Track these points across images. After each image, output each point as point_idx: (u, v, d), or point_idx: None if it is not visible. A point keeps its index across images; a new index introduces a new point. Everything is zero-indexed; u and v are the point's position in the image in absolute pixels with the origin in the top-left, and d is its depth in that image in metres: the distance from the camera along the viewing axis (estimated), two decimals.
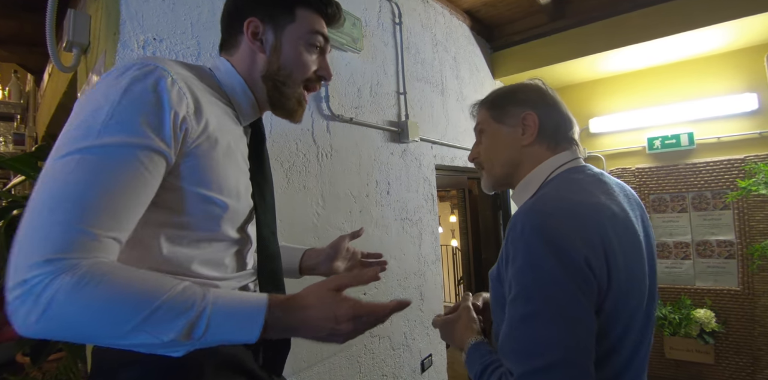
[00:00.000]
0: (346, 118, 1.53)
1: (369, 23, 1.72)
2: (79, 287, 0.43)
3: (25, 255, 0.44)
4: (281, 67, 0.68)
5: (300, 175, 1.35)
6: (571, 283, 0.58)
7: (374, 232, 1.62)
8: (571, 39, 2.53)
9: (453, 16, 2.41)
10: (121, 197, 0.48)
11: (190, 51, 1.06)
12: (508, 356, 0.59)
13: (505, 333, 0.61)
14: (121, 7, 0.95)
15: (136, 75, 0.52)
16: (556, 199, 0.66)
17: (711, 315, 2.50)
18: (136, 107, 0.50)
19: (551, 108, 0.79)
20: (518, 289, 0.60)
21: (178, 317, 0.45)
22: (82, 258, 0.45)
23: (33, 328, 0.43)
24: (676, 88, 2.72)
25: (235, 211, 0.63)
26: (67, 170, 0.46)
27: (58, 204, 0.45)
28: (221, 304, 0.48)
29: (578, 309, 0.57)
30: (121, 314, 0.44)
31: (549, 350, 0.55)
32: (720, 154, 2.60)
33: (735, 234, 2.54)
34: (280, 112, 0.72)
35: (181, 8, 1.05)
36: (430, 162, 2.02)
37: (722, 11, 2.11)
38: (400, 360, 1.69)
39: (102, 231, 0.46)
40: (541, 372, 0.54)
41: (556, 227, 0.60)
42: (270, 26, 0.67)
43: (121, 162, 0.48)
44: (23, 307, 0.43)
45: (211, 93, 0.63)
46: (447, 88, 2.24)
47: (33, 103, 2.70)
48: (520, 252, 0.61)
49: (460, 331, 0.78)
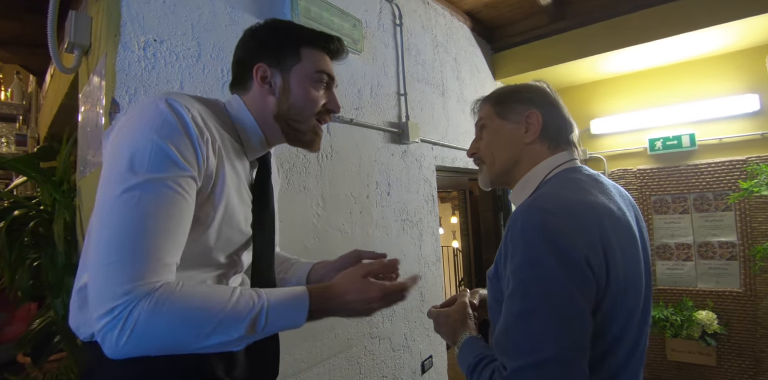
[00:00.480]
0: (347, 119, 1.53)
1: (369, 25, 1.72)
2: (158, 308, 0.50)
3: (106, 287, 0.50)
4: (291, 106, 0.72)
5: (300, 175, 1.35)
6: (570, 282, 0.58)
7: (374, 233, 1.62)
8: (572, 40, 2.53)
9: (454, 18, 2.41)
10: (177, 226, 0.55)
11: (190, 52, 1.06)
12: (502, 351, 0.60)
13: (500, 328, 0.61)
14: (122, 8, 0.95)
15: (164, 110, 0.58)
16: (556, 197, 0.66)
17: (713, 317, 2.49)
18: (170, 141, 0.56)
19: (555, 109, 0.80)
20: (516, 285, 0.60)
21: (244, 317, 0.54)
22: (155, 283, 0.52)
23: (123, 349, 0.50)
24: (678, 89, 2.72)
25: (229, 240, 0.68)
26: (129, 206, 0.53)
27: (128, 238, 0.52)
28: (274, 301, 0.57)
29: (575, 308, 0.58)
30: (198, 324, 0.52)
31: (543, 346, 0.55)
32: (722, 155, 2.60)
33: (737, 235, 2.54)
34: (298, 144, 0.76)
35: (182, 10, 1.06)
36: (430, 163, 2.02)
37: (723, 12, 2.11)
38: (400, 361, 1.68)
39: (166, 258, 0.54)
40: (534, 368, 0.54)
41: (557, 225, 0.61)
42: (277, 69, 0.72)
43: (171, 193, 0.55)
44: (112, 333, 0.49)
45: (224, 129, 0.68)
46: (448, 89, 2.24)
47: (35, 104, 2.71)
48: (519, 250, 0.61)
49: (455, 325, 0.78)
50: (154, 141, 0.55)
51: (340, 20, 1.50)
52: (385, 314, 1.63)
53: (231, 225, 0.67)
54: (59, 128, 1.91)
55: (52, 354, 1.41)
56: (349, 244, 1.50)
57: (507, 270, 0.63)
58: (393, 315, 1.67)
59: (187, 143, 0.58)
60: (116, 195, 0.53)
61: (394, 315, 1.67)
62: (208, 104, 0.68)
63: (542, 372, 0.54)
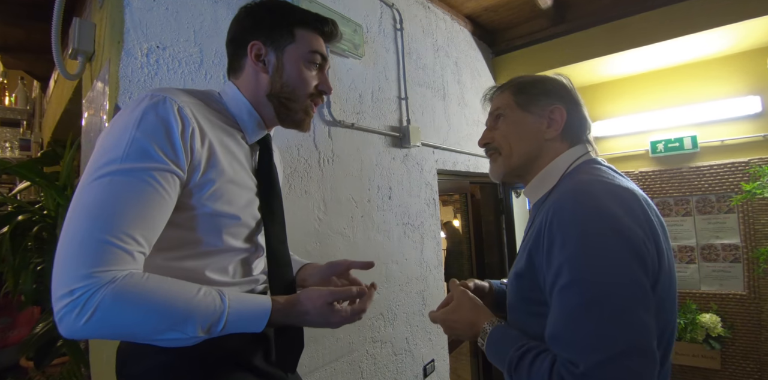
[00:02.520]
0: (348, 124, 1.53)
1: (370, 29, 1.73)
2: (120, 295, 0.51)
3: (69, 268, 0.51)
4: (284, 85, 0.73)
5: (302, 180, 1.35)
6: (635, 265, 0.55)
7: (376, 237, 1.62)
8: (573, 43, 2.54)
9: (454, 22, 2.42)
10: (147, 215, 0.55)
11: (192, 58, 1.07)
12: (566, 345, 0.55)
13: (560, 322, 0.57)
14: (125, 16, 0.96)
15: (147, 106, 0.59)
16: (598, 183, 0.64)
17: (717, 320, 2.48)
18: (149, 135, 0.57)
19: (577, 106, 0.77)
20: (574, 275, 0.56)
21: (203, 318, 0.55)
22: (120, 271, 0.52)
23: (79, 331, 0.50)
24: (679, 91, 2.72)
25: (240, 225, 0.69)
26: (98, 191, 0.53)
27: (93, 223, 0.52)
28: (235, 307, 0.58)
29: (643, 292, 0.54)
30: (157, 318, 0.53)
31: (619, 337, 0.51)
32: (724, 157, 2.59)
33: (740, 237, 2.52)
34: (289, 124, 0.77)
35: (184, 17, 1.07)
36: (431, 167, 2.02)
37: (724, 14, 2.11)
38: (402, 365, 1.68)
39: (133, 246, 0.54)
40: (615, 361, 0.50)
41: (613, 209, 0.58)
42: (272, 48, 0.72)
43: (143, 183, 0.55)
44: (71, 314, 0.49)
45: (217, 117, 0.69)
46: (448, 93, 2.25)
47: (39, 109, 2.73)
48: (573, 237, 0.57)
49: (469, 318, 0.73)
50: (131, 134, 0.56)
51: (341, 25, 1.50)
52: (386, 318, 1.62)
53: (236, 210, 0.67)
54: (63, 133, 1.92)
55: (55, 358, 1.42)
56: (351, 248, 1.50)
57: (553, 261, 0.59)
58: (395, 319, 1.66)
59: (167, 137, 0.58)
60: (87, 183, 0.54)
61: (396, 319, 1.67)
62: (198, 95, 0.69)
63: (624, 364, 0.50)
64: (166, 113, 0.59)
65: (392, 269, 1.69)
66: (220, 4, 1.15)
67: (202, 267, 0.65)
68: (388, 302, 1.64)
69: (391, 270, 1.68)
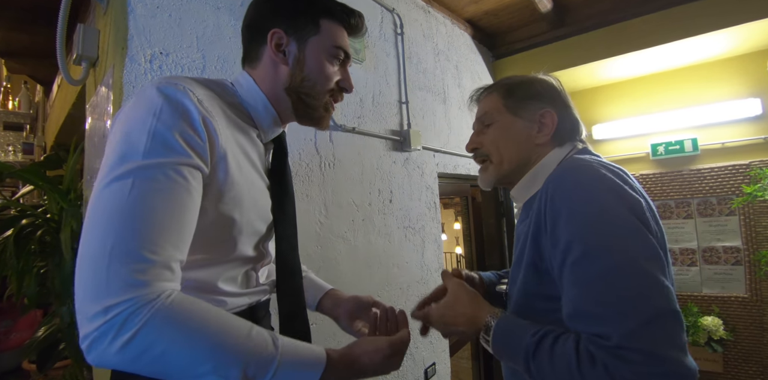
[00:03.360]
0: (349, 128, 1.54)
1: (371, 34, 1.74)
2: (172, 318, 0.43)
3: (100, 284, 0.42)
4: (305, 79, 0.67)
5: (303, 184, 1.36)
6: (644, 229, 0.54)
7: (377, 241, 1.63)
8: (573, 46, 2.55)
9: (455, 26, 2.44)
10: (181, 218, 0.48)
11: (195, 64, 1.08)
12: (594, 321, 0.52)
13: (579, 296, 0.54)
14: (129, 22, 0.97)
15: (164, 94, 0.52)
16: (592, 159, 0.64)
17: (719, 323, 2.47)
18: (171, 125, 0.50)
19: (567, 108, 0.75)
20: (588, 246, 0.54)
21: (252, 364, 0.46)
22: (162, 288, 0.44)
23: (112, 358, 0.42)
24: (679, 93, 2.73)
25: (251, 229, 0.63)
26: (124, 194, 0.46)
27: (123, 231, 0.44)
28: (288, 358, 0.49)
29: (659, 256, 0.53)
30: (205, 355, 0.44)
31: (647, 300, 0.49)
32: (724, 160, 2.59)
33: (741, 240, 2.52)
34: (306, 121, 0.71)
35: (187, 23, 1.08)
36: (432, 170, 2.03)
37: (724, 17, 2.12)
38: (403, 368, 1.68)
39: (173, 255, 0.47)
40: (646, 326, 0.48)
41: (612, 178, 0.58)
42: (294, 38, 0.66)
43: (171, 182, 0.48)
44: (105, 337, 0.41)
45: (233, 112, 0.63)
46: (449, 96, 2.26)
47: (42, 113, 2.75)
48: (580, 207, 0.56)
49: (469, 312, 0.66)
50: (150, 125, 0.49)
51: None
52: None
53: (249, 213, 0.62)
54: (66, 137, 1.94)
55: (57, 361, 1.42)
56: (352, 252, 1.50)
57: (560, 237, 0.57)
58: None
59: (189, 128, 0.51)
60: (105, 184, 0.47)
61: None
62: (212, 86, 0.63)
63: (658, 329, 0.48)
64: (186, 101, 0.52)
65: (393, 272, 1.69)
66: (222, 10, 1.17)
67: (215, 278, 0.59)
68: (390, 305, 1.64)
69: (392, 274, 1.69)
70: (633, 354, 0.47)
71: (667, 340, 0.48)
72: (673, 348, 0.48)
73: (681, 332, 0.49)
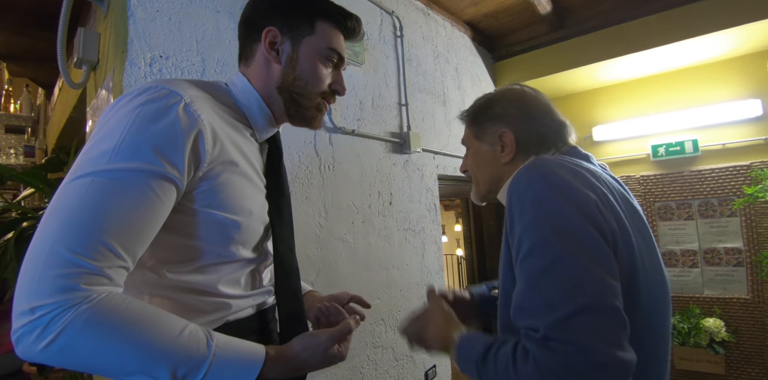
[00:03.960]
0: (349, 131, 1.55)
1: (370, 37, 1.75)
2: (94, 321, 0.43)
3: (32, 282, 0.43)
4: (297, 78, 0.67)
5: (303, 186, 1.36)
6: (589, 225, 0.55)
7: (377, 243, 1.63)
8: (572, 48, 2.55)
9: (454, 28, 2.44)
10: (131, 222, 0.47)
11: (195, 68, 1.09)
12: (530, 313, 0.53)
13: (521, 293, 0.55)
14: (129, 26, 0.98)
15: (148, 100, 0.52)
16: (549, 159, 0.66)
17: (721, 325, 2.46)
18: (146, 133, 0.50)
19: (531, 120, 0.76)
20: (532, 242, 0.55)
21: (180, 364, 0.46)
22: (94, 290, 0.44)
23: (37, 356, 0.43)
24: (680, 95, 2.72)
25: (250, 231, 0.63)
26: (80, 192, 0.46)
27: (66, 230, 0.44)
28: (223, 357, 0.49)
29: (601, 250, 0.53)
30: (129, 356, 0.44)
31: (579, 292, 0.50)
32: (725, 161, 2.59)
33: (743, 241, 2.51)
34: (298, 121, 0.71)
35: (187, 27, 1.08)
36: (432, 172, 2.03)
37: (723, 19, 2.12)
38: (403, 371, 1.68)
39: (111, 261, 0.46)
40: (573, 317, 0.49)
41: (561, 174, 0.60)
42: (288, 37, 0.66)
43: (132, 187, 0.48)
44: (29, 336, 0.42)
45: (227, 112, 0.63)
46: (449, 98, 2.26)
47: (43, 116, 2.76)
48: (528, 205, 0.58)
49: (441, 330, 0.69)
50: (125, 130, 0.49)
51: None
52: (387, 323, 1.63)
53: (245, 215, 0.62)
54: (67, 140, 1.94)
55: None
56: (352, 254, 1.51)
57: (515, 235, 0.59)
58: (396, 325, 1.66)
59: (168, 137, 0.50)
60: (66, 182, 0.47)
61: (397, 324, 1.67)
62: (206, 87, 0.62)
63: (582, 319, 0.49)
64: (171, 109, 0.52)
65: (393, 274, 1.69)
66: (222, 14, 1.17)
67: (215, 281, 0.60)
68: (390, 307, 1.65)
69: (392, 276, 1.69)
70: (557, 344, 0.48)
71: (595, 332, 0.48)
72: (601, 341, 0.48)
73: (614, 327, 0.49)
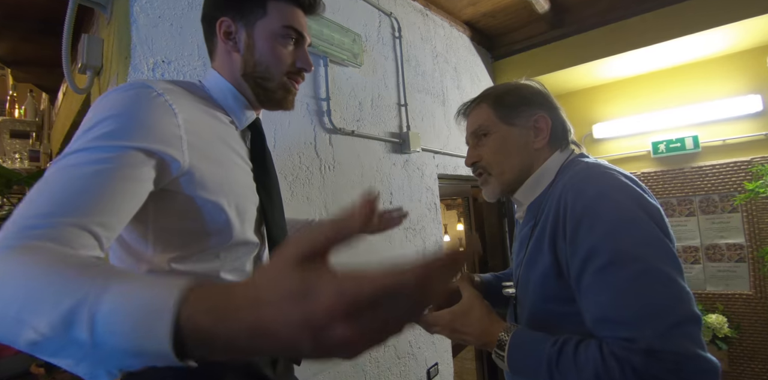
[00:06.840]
0: (348, 131, 1.56)
1: (369, 38, 1.77)
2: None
3: None
4: (257, 63, 0.67)
5: (303, 187, 1.38)
6: (663, 236, 0.57)
7: (377, 242, 1.64)
8: (571, 46, 2.56)
9: (453, 28, 2.46)
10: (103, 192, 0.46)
11: (196, 72, 1.11)
12: (622, 325, 0.54)
13: (606, 302, 0.55)
14: (132, 32, 1.00)
15: (125, 91, 0.54)
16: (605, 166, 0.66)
17: (723, 321, 2.47)
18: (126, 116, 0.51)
19: (557, 110, 0.77)
20: (614, 253, 0.56)
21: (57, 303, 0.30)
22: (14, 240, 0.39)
23: None
24: (680, 91, 2.73)
25: (244, 213, 0.63)
26: (48, 174, 0.47)
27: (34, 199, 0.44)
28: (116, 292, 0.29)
29: (677, 260, 0.56)
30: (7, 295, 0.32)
31: (677, 303, 0.52)
32: (726, 157, 2.59)
33: (745, 237, 2.51)
34: (270, 105, 0.71)
35: (188, 32, 1.10)
36: (432, 171, 2.04)
37: (722, 14, 2.12)
38: (405, 368, 1.69)
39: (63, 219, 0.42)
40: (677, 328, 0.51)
41: (632, 186, 0.61)
42: (241, 24, 0.66)
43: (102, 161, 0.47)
44: None
45: (202, 103, 0.64)
46: (448, 98, 2.28)
47: (48, 121, 2.80)
48: (606, 214, 0.57)
49: (481, 325, 0.67)
50: (105, 115, 0.51)
51: (340, 36, 1.55)
52: None
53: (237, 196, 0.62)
54: None
55: None
56: (352, 253, 1.52)
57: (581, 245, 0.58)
58: None
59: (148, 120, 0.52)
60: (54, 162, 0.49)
61: None
62: (181, 84, 0.64)
63: (685, 331, 0.51)
64: (148, 97, 0.54)
65: None
66: None
67: (217, 269, 0.61)
68: None
69: None
70: (665, 355, 0.50)
71: (698, 341, 0.52)
72: (701, 348, 0.51)
73: (701, 333, 0.53)
